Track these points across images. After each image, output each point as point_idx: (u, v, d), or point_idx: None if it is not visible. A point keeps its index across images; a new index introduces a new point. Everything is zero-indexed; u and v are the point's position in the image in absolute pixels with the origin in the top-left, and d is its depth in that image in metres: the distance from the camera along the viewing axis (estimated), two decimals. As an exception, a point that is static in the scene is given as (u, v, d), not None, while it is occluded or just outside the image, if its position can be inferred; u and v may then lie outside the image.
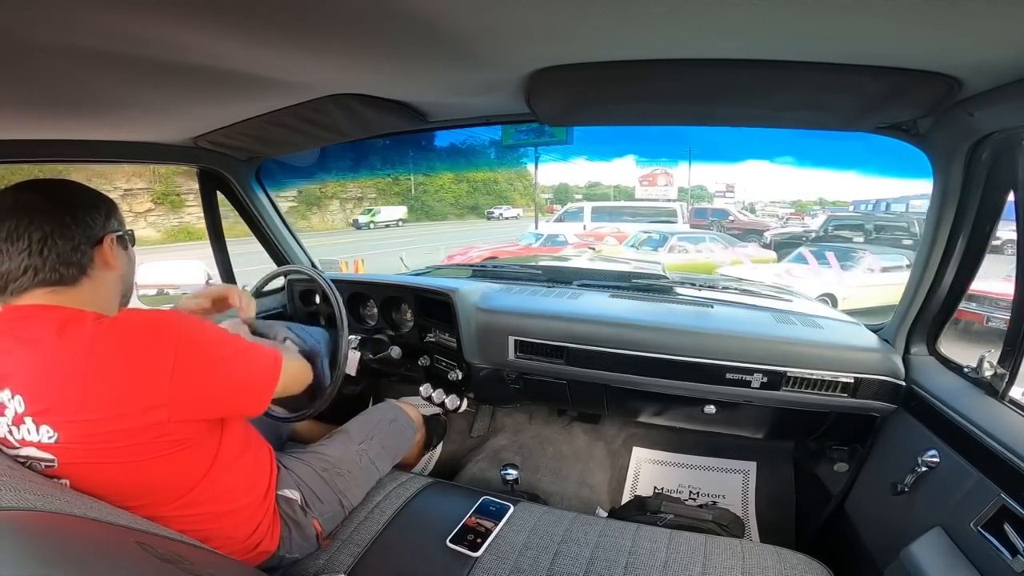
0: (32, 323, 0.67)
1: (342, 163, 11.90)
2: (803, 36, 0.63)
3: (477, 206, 21.38)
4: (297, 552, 0.97)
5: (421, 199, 21.29)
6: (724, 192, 15.02)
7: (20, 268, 0.68)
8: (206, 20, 0.56)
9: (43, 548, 0.47)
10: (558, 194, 18.61)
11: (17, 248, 0.67)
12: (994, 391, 0.94)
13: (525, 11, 0.57)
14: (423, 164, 18.28)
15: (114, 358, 0.65)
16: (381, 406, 1.42)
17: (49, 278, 0.69)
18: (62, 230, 0.70)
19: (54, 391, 0.65)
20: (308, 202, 19.29)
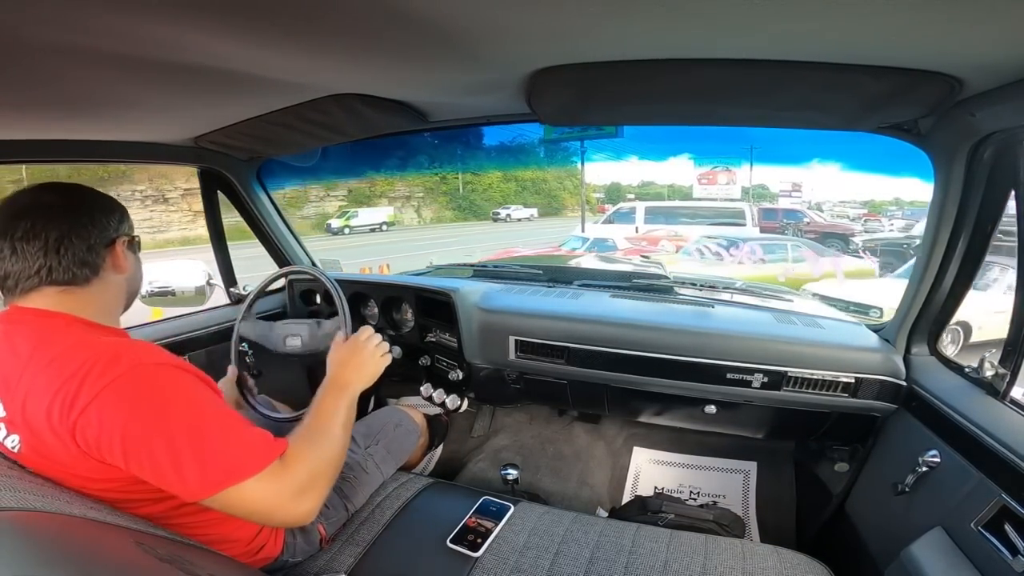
0: (24, 329, 0.67)
1: (390, 161, 11.73)
2: (804, 36, 0.63)
3: (526, 205, 20.17)
4: (300, 556, 0.97)
5: (469, 198, 20.27)
6: (790, 191, 12.47)
7: (34, 266, 0.68)
8: (207, 20, 0.56)
9: (43, 548, 0.47)
10: (610, 194, 17.11)
11: (33, 247, 0.67)
12: (995, 391, 0.94)
13: (525, 11, 0.57)
14: (471, 162, 17.47)
15: (61, 377, 0.62)
16: (386, 410, 1.42)
17: (62, 277, 0.69)
18: (79, 230, 0.71)
19: (21, 402, 0.64)
20: (358, 200, 18.60)
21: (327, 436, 0.81)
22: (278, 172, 1.72)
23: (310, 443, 0.77)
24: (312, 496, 0.73)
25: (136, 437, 0.62)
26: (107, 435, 0.61)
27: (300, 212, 17.57)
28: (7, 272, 0.68)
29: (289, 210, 13.31)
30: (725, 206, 9.93)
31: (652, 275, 1.77)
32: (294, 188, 16.42)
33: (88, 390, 0.61)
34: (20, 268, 0.68)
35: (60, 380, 0.62)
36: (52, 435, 0.62)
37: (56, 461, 0.64)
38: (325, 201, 18.17)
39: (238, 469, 0.65)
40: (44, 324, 0.68)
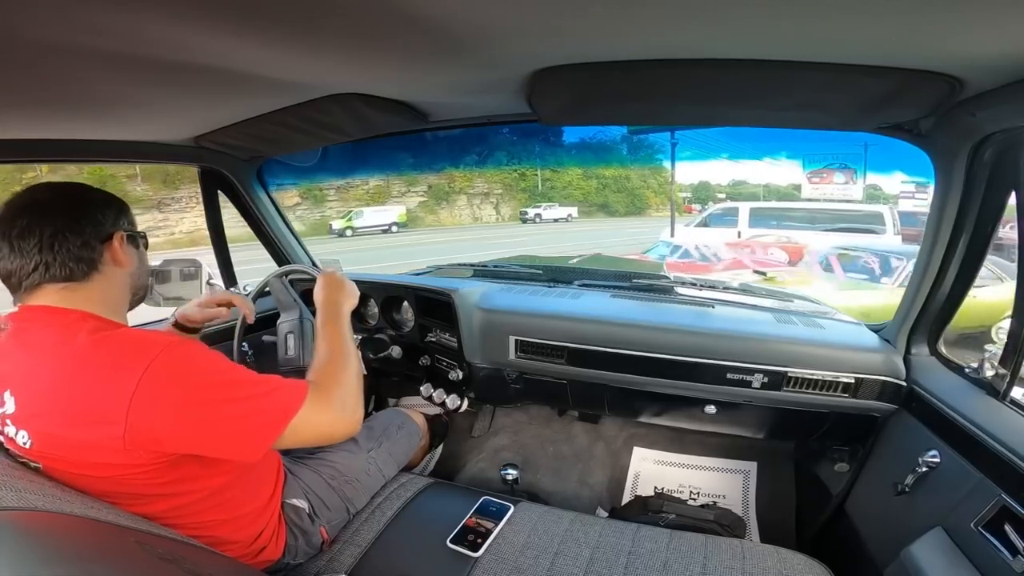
0: (36, 327, 0.69)
1: (468, 158, 11.39)
2: (805, 36, 0.63)
3: (607, 204, 19.38)
4: (302, 558, 0.97)
5: (548, 195, 19.44)
6: (912, 193, 9.26)
7: (32, 264, 0.69)
8: (208, 20, 0.56)
9: (44, 547, 0.47)
10: (697, 192, 15.63)
11: (29, 244, 0.68)
12: (995, 391, 0.94)
13: (526, 11, 0.57)
14: (550, 159, 17.50)
15: (89, 373, 0.64)
16: (388, 412, 1.42)
17: (59, 274, 0.70)
18: (72, 225, 0.71)
19: (35, 398, 0.65)
20: (437, 197, 18.27)
21: (343, 356, 0.87)
22: (279, 172, 1.72)
23: (333, 366, 0.84)
24: (354, 406, 0.81)
25: (195, 412, 0.66)
26: (167, 418, 0.64)
27: (382, 208, 17.31)
28: (8, 271, 0.70)
29: (372, 204, 12.38)
30: (856, 209, 7.77)
31: (652, 275, 1.78)
32: (376, 181, 16.17)
33: (128, 379, 0.63)
34: (19, 265, 0.69)
35: (92, 374, 0.63)
36: (86, 428, 0.63)
37: (69, 455, 0.65)
38: (407, 197, 17.97)
39: (285, 409, 0.71)
40: (57, 320, 0.69)
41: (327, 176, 15.84)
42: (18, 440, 0.66)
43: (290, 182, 9.35)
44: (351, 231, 14.72)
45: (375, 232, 14.71)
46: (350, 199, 17.45)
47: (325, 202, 17.02)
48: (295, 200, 16.34)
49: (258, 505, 0.89)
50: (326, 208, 16.78)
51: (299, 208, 16.43)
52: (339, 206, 17.23)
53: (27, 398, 0.66)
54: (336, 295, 1.00)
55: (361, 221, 15.17)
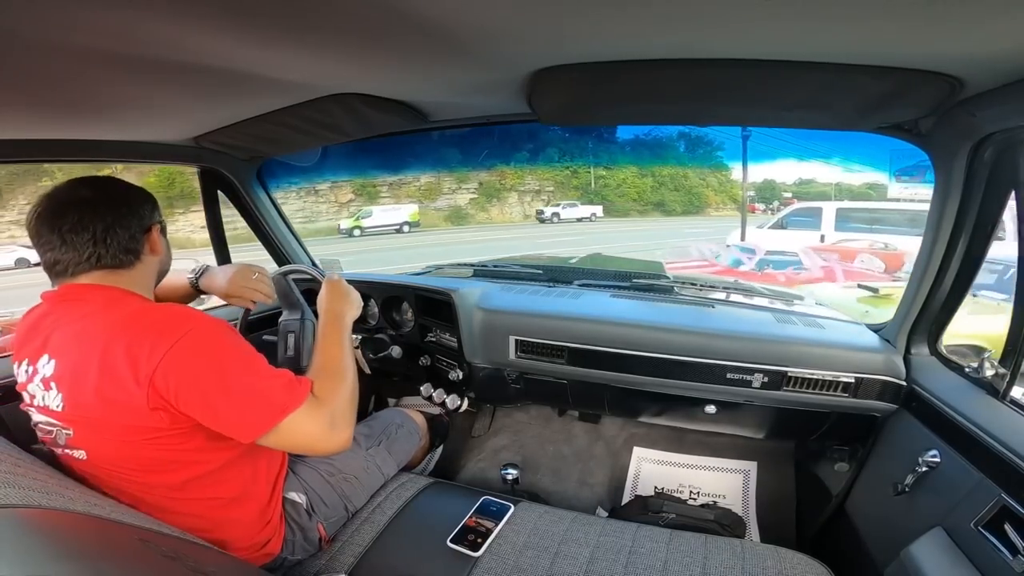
0: (83, 299, 0.76)
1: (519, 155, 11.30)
2: (805, 36, 0.63)
3: (663, 203, 18.03)
4: (300, 554, 0.97)
5: (601, 193, 18.18)
6: None
7: (84, 255, 0.76)
8: (208, 20, 0.56)
9: (47, 545, 0.47)
10: (762, 191, 14.35)
11: (82, 238, 0.76)
12: (995, 391, 0.94)
13: (526, 11, 0.57)
14: (603, 156, 16.91)
15: (128, 337, 0.70)
16: (388, 411, 1.43)
17: (110, 263, 0.78)
18: (121, 220, 0.80)
19: (75, 361, 0.71)
20: (488, 194, 17.56)
21: (341, 369, 0.89)
22: (279, 172, 1.72)
23: (331, 378, 0.85)
24: (344, 424, 0.81)
25: (209, 385, 0.71)
26: (185, 384, 0.70)
27: (434, 204, 16.85)
28: (57, 260, 0.76)
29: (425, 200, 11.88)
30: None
31: (652, 275, 1.77)
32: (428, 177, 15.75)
33: (161, 343, 0.69)
34: (71, 257, 0.76)
35: (131, 336, 0.70)
36: (114, 387, 0.69)
37: (99, 415, 0.70)
38: (457, 194, 17.52)
39: (284, 405, 0.74)
40: (102, 295, 0.77)
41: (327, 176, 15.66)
42: (52, 404, 0.72)
43: (290, 182, 9.31)
44: (359, 231, 14.31)
45: (386, 232, 14.32)
46: (402, 195, 17.05)
47: (379, 198, 16.71)
48: (349, 196, 16.34)
49: (263, 489, 0.92)
50: (379, 203, 16.43)
51: (352, 204, 16.25)
52: (392, 202, 16.87)
53: (67, 361, 0.72)
54: (340, 304, 1.02)
55: (370, 221, 14.58)
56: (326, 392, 0.81)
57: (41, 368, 0.74)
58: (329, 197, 16.07)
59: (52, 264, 0.77)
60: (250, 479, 0.89)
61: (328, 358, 0.90)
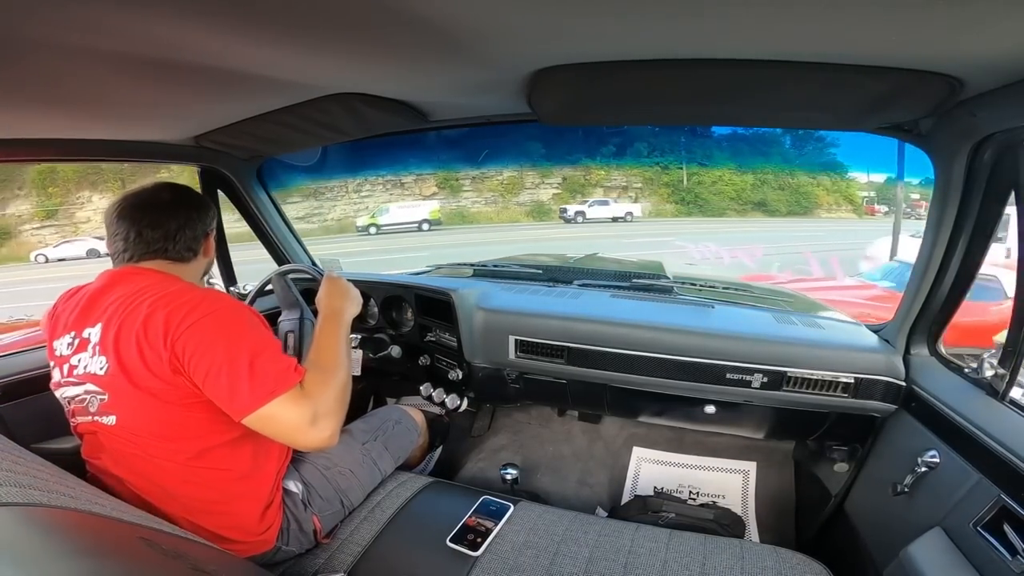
0: (149, 276, 0.86)
1: (605, 148, 10.99)
2: (804, 36, 0.63)
3: (764, 202, 16.55)
4: (294, 546, 0.98)
5: (695, 191, 16.96)
6: None
7: (155, 247, 0.89)
8: (208, 19, 0.56)
9: (48, 543, 0.47)
10: (883, 192, 12.93)
11: (156, 234, 0.89)
12: (994, 391, 0.94)
13: (526, 11, 0.57)
14: (697, 153, 15.80)
15: (169, 308, 0.78)
16: (385, 408, 1.43)
17: (176, 256, 0.92)
18: (192, 223, 0.94)
19: (122, 326, 0.79)
20: (572, 190, 16.58)
21: (334, 365, 0.90)
22: (279, 171, 1.72)
23: (322, 373, 0.87)
24: (329, 421, 0.83)
25: (216, 358, 0.76)
26: (198, 353, 0.76)
27: (516, 199, 16.29)
28: (128, 248, 0.89)
29: (507, 195, 11.78)
30: None
31: (652, 275, 1.77)
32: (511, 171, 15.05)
33: (190, 316, 0.78)
34: (142, 248, 0.89)
35: (171, 307, 0.78)
36: (149, 347, 0.77)
37: (133, 375, 0.77)
38: (540, 189, 16.77)
39: (272, 389, 0.78)
40: (160, 276, 0.87)
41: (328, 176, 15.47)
42: (96, 368, 0.80)
43: (290, 182, 9.20)
44: (375, 228, 13.80)
45: (407, 229, 13.58)
46: (485, 190, 16.70)
47: (461, 192, 16.45)
48: (433, 189, 16.01)
49: (271, 468, 0.95)
50: (461, 198, 16.11)
51: (437, 196, 15.90)
52: (474, 196, 16.62)
53: (117, 324, 0.79)
54: (340, 301, 1.05)
55: (386, 218, 13.96)
56: (314, 386, 0.83)
57: (91, 336, 0.82)
58: (413, 190, 15.76)
59: (122, 250, 0.89)
60: (262, 456, 0.92)
61: (322, 353, 0.93)
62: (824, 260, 5.62)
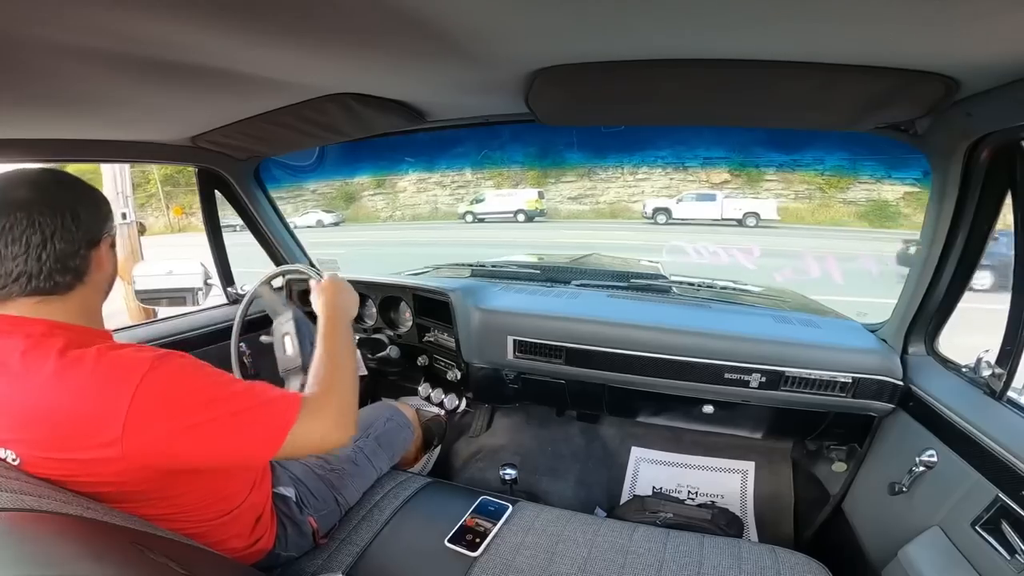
0: (3, 340, 0.62)
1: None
2: (802, 36, 0.63)
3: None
4: (294, 550, 0.97)
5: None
6: None
7: (11, 274, 0.61)
8: (204, 19, 0.56)
9: (39, 549, 0.47)
10: None
11: (11, 252, 0.60)
12: (992, 391, 0.94)
13: (523, 11, 0.57)
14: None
15: (72, 396, 0.60)
16: (377, 405, 1.42)
17: (42, 286, 0.63)
18: (63, 233, 0.63)
19: (15, 421, 0.61)
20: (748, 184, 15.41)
21: (340, 366, 0.84)
22: (276, 171, 1.72)
23: (332, 374, 0.81)
24: (348, 420, 0.77)
25: (190, 431, 0.62)
26: (157, 439, 0.61)
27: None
28: None
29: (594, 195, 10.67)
30: None
31: (650, 275, 1.77)
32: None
33: (118, 403, 0.59)
34: None
35: (75, 397, 0.59)
36: (80, 450, 0.60)
37: (65, 470, 0.62)
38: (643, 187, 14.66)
39: (285, 421, 0.68)
40: (21, 331, 0.62)
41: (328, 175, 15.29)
42: (7, 458, 0.62)
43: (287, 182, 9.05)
44: (471, 216, 12.92)
45: (503, 219, 12.64)
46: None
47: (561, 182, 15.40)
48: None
49: (256, 495, 0.90)
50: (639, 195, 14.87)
51: (726, 187, 13.20)
52: (667, 193, 14.92)
53: (5, 420, 0.61)
54: (339, 299, 0.99)
55: (482, 207, 13.11)
56: (331, 389, 0.78)
57: None
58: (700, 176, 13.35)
59: None
60: (245, 487, 0.87)
61: (330, 356, 0.87)
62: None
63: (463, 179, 15.66)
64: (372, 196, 16.56)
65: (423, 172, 15.25)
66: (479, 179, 15.55)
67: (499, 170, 15.12)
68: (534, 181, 14.69)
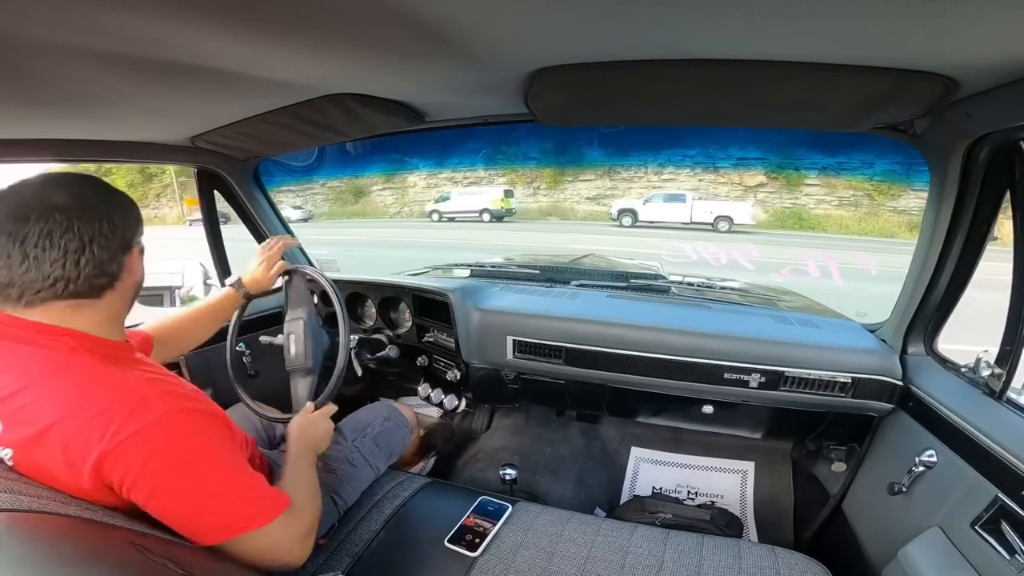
0: (22, 348, 0.63)
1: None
2: (801, 36, 0.63)
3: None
4: None
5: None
6: None
7: (49, 278, 0.62)
8: (203, 19, 0.56)
9: (38, 550, 0.47)
10: None
11: (49, 256, 0.61)
12: (991, 391, 0.94)
13: (523, 12, 0.57)
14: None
15: (78, 415, 0.61)
16: (375, 405, 1.42)
17: (79, 290, 0.64)
18: (101, 239, 0.65)
19: (22, 423, 0.62)
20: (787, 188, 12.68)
21: (312, 492, 0.85)
22: (275, 172, 1.72)
23: (306, 497, 0.82)
24: (310, 539, 0.78)
25: (163, 487, 0.62)
26: (131, 478, 0.61)
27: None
28: (12, 281, 0.61)
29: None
30: None
31: (649, 275, 1.78)
32: None
33: (116, 434, 0.60)
34: (31, 279, 0.61)
35: (82, 416, 0.60)
36: (63, 463, 0.61)
37: (53, 475, 0.62)
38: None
39: (256, 517, 0.68)
40: (43, 341, 0.63)
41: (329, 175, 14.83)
42: (4, 457, 0.63)
43: (287, 182, 8.83)
44: (437, 215, 12.76)
45: (468, 218, 12.50)
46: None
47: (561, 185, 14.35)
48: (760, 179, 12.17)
49: None
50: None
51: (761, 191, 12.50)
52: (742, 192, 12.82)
53: (13, 422, 0.62)
54: (313, 434, 0.97)
55: (448, 206, 12.83)
56: (307, 506, 0.80)
57: None
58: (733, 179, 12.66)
59: (5, 285, 0.61)
60: None
61: (303, 481, 0.86)
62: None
63: (475, 175, 15.09)
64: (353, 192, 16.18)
65: (431, 170, 14.79)
66: (491, 176, 14.88)
67: (512, 168, 14.21)
68: (550, 180, 13.99)
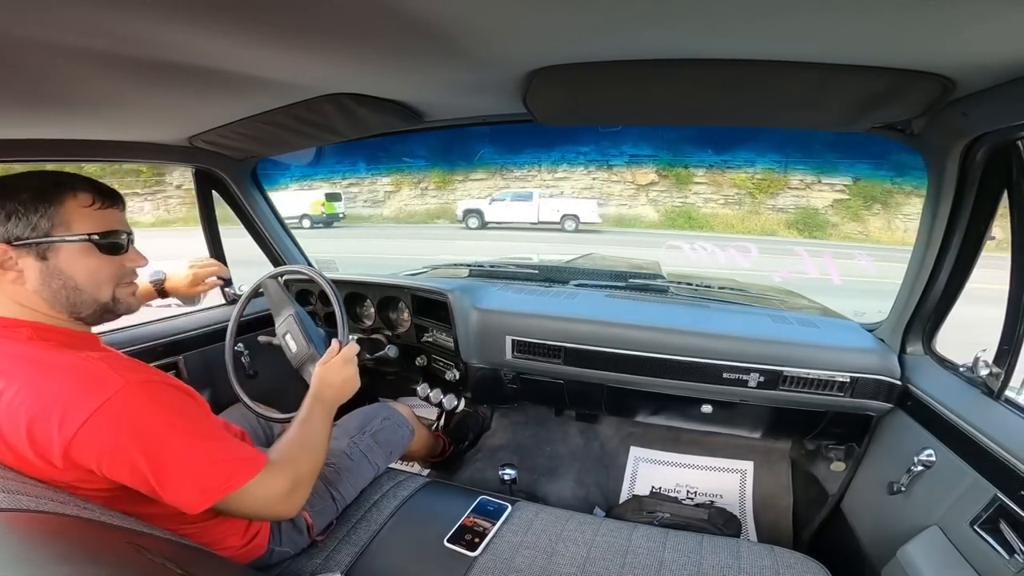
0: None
1: None
2: (799, 36, 0.63)
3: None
4: (289, 546, 0.97)
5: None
6: None
7: None
8: (200, 19, 0.56)
9: (36, 549, 0.47)
10: None
11: None
12: (990, 390, 0.94)
13: (521, 11, 0.57)
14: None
15: (36, 393, 0.63)
16: (374, 406, 1.42)
17: None
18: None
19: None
20: (676, 186, 12.32)
21: (310, 445, 0.86)
22: (273, 172, 1.72)
23: (298, 450, 0.83)
24: (298, 495, 0.80)
25: (139, 459, 0.64)
26: (107, 457, 0.63)
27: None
28: None
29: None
30: None
31: (648, 275, 1.78)
32: None
33: (79, 412, 0.61)
34: None
35: (40, 399, 0.62)
36: (31, 450, 0.62)
37: (33, 467, 0.63)
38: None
39: (233, 478, 0.71)
40: (8, 335, 0.67)
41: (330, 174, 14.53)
42: None
43: (285, 182, 8.71)
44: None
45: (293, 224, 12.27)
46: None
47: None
48: None
49: None
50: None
51: (652, 189, 12.14)
52: (590, 194, 12.53)
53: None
54: (336, 378, 0.98)
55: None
56: (294, 460, 0.80)
57: None
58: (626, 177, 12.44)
59: None
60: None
61: (308, 432, 0.88)
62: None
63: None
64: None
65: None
66: (372, 182, 13.77)
67: (398, 173, 13.23)
68: (439, 181, 13.16)
